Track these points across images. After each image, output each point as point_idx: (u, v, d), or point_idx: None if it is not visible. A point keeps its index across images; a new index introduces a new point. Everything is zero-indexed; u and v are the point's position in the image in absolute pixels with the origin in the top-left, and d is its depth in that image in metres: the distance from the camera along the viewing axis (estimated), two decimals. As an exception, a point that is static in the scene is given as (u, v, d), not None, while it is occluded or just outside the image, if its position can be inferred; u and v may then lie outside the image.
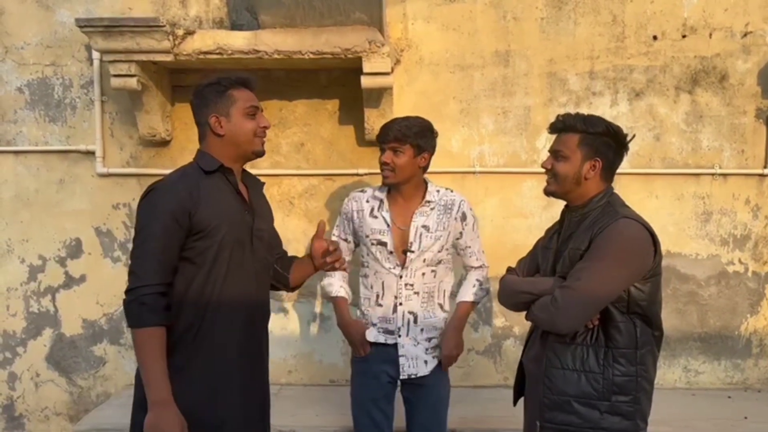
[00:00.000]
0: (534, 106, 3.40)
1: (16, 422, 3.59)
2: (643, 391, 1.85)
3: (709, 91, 3.39)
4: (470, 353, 3.52)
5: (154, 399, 1.71)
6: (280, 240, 2.24)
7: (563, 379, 1.86)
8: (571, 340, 1.87)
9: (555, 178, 1.95)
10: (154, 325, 1.73)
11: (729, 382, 3.54)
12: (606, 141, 1.90)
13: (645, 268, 1.81)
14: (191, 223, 1.79)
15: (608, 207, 1.88)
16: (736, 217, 3.45)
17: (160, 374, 1.73)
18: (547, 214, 3.42)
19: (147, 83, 3.12)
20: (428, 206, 2.54)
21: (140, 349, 1.73)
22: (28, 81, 3.45)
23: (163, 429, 1.70)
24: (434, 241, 2.52)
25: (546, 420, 1.90)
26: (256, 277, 1.97)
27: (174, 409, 1.72)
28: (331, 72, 3.37)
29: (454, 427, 2.90)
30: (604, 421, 1.82)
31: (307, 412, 3.11)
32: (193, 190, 1.82)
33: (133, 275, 1.77)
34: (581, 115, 1.94)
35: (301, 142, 3.46)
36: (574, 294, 1.80)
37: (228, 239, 1.85)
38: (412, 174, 2.49)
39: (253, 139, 1.93)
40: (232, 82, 1.92)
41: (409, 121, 2.47)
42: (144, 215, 1.81)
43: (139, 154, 3.46)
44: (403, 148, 2.42)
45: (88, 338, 3.54)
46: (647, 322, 1.85)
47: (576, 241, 1.88)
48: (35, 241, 3.51)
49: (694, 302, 3.48)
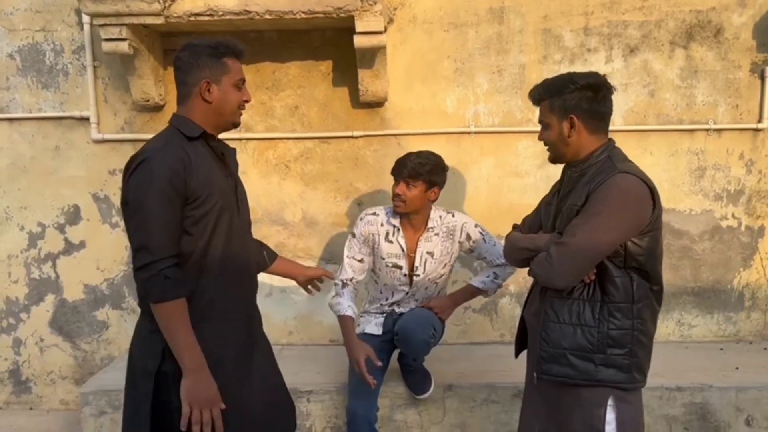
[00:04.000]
0: (529, 64, 3.39)
1: (23, 386, 3.66)
2: (640, 345, 1.85)
3: (704, 46, 3.37)
4: (467, 311, 3.58)
5: (190, 366, 1.74)
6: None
7: (559, 332, 1.89)
8: (569, 295, 1.89)
9: (549, 147, 1.99)
10: (180, 297, 1.74)
11: (722, 335, 3.60)
12: (575, 95, 1.87)
13: (642, 223, 1.80)
14: (187, 192, 1.76)
15: (607, 162, 1.86)
16: (730, 172, 3.46)
17: (192, 342, 1.75)
18: (542, 173, 3.44)
19: (138, 47, 3.10)
20: (431, 232, 2.76)
21: (169, 321, 1.74)
22: (19, 47, 3.43)
23: (202, 391, 1.75)
24: (438, 266, 2.78)
25: (542, 372, 1.94)
26: (246, 239, 2.03)
27: (208, 374, 1.77)
28: (324, 32, 3.34)
29: (451, 382, 2.97)
30: (598, 373, 1.84)
31: (308, 371, 3.17)
32: (183, 156, 1.77)
33: (144, 250, 1.72)
34: (545, 81, 1.95)
35: (295, 104, 3.45)
36: (568, 249, 1.82)
37: (220, 205, 1.85)
38: (422, 206, 2.71)
39: (236, 111, 1.92)
40: (228, 50, 1.87)
41: (422, 158, 2.66)
42: (139, 189, 1.74)
43: (133, 119, 3.45)
44: (416, 183, 2.63)
45: (90, 303, 3.59)
46: (645, 276, 1.85)
47: (574, 197, 1.89)
48: (34, 208, 3.53)
49: (687, 257, 3.53)
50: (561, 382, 1.90)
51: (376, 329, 2.84)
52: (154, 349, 1.79)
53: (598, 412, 1.85)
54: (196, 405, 1.74)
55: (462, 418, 2.95)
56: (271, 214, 3.51)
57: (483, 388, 2.96)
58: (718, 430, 2.93)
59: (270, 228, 3.51)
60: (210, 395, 1.76)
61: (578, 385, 1.87)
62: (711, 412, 2.92)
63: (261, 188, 3.49)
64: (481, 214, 3.45)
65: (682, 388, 2.93)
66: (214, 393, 1.77)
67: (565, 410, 1.92)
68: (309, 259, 3.56)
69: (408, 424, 2.96)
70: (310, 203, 3.52)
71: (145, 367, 1.81)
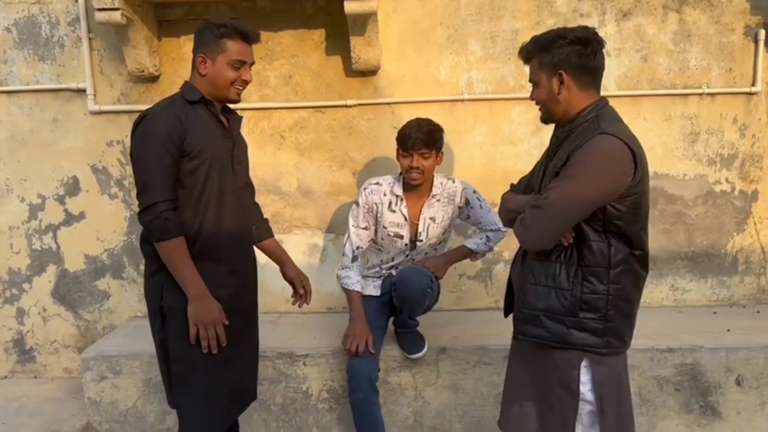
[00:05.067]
0: (522, 30, 3.39)
1: (27, 355, 3.74)
2: (617, 310, 1.82)
3: (697, 9, 3.36)
4: (462, 278, 3.61)
5: (194, 293, 2.01)
6: (254, 187, 2.47)
7: (535, 294, 1.89)
8: (547, 258, 1.87)
9: (540, 106, 1.94)
10: (178, 236, 1.99)
11: (715, 299, 3.63)
12: (564, 50, 1.82)
13: (621, 186, 1.74)
14: (182, 146, 1.99)
15: (594, 121, 1.81)
16: (724, 137, 3.46)
17: (193, 273, 2.01)
18: (536, 140, 3.46)
19: (132, 17, 3.12)
20: (434, 199, 2.86)
21: (171, 256, 1.99)
22: (15, 20, 3.45)
23: (205, 313, 2.02)
24: (440, 230, 2.89)
25: (519, 332, 1.97)
26: (240, 198, 2.24)
27: (211, 298, 2.04)
28: (316, 1, 3.35)
29: (444, 345, 3.02)
30: (570, 336, 1.83)
31: (305, 336, 3.22)
32: (181, 114, 2.02)
33: (145, 193, 1.98)
34: (534, 38, 1.90)
35: (288, 74, 3.47)
36: (541, 212, 1.80)
37: (213, 160, 2.08)
38: (433, 173, 2.83)
39: (229, 87, 2.11)
40: (230, 31, 2.05)
41: (429, 125, 2.74)
42: (140, 141, 2.00)
43: (129, 90, 3.48)
44: (430, 153, 2.72)
45: (91, 273, 3.65)
46: (626, 241, 1.80)
47: (557, 158, 1.86)
48: (33, 180, 3.58)
49: (681, 222, 3.54)
50: (536, 343, 1.92)
51: (375, 291, 2.93)
52: (155, 289, 2.09)
53: (572, 372, 1.86)
54: (201, 325, 2.02)
55: (455, 380, 3.00)
56: (267, 183, 3.54)
57: (476, 350, 3.00)
58: (708, 390, 2.97)
59: (266, 198, 3.54)
60: (213, 316, 2.03)
61: (552, 347, 1.88)
62: (701, 373, 2.96)
63: (256, 158, 3.48)
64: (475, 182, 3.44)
65: (673, 350, 2.96)
66: (216, 313, 2.04)
67: (543, 369, 1.95)
68: (305, 228, 3.60)
69: (402, 386, 3.01)
70: (306, 173, 3.55)
71: (152, 305, 2.11)
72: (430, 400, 3.02)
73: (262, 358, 2.67)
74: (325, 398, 3.03)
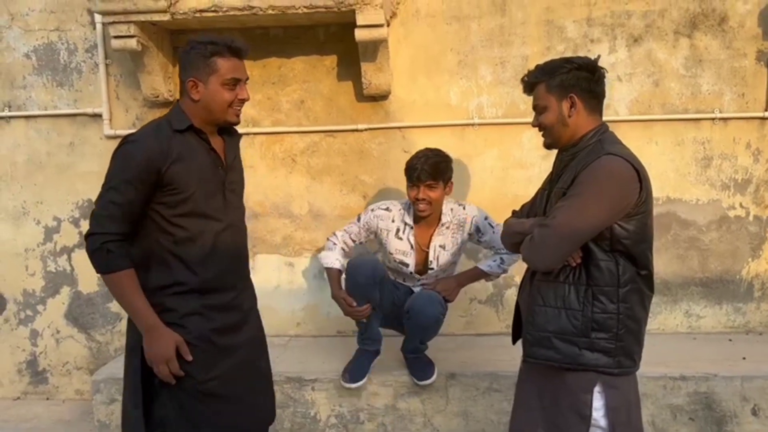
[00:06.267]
0: (532, 55, 3.40)
1: (40, 376, 3.76)
2: (627, 330, 1.82)
3: (709, 35, 3.36)
4: (472, 302, 3.60)
5: (145, 326, 1.86)
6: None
7: (545, 315, 1.88)
8: (555, 279, 1.87)
9: (546, 131, 1.96)
10: (123, 269, 1.84)
11: (731, 326, 3.57)
12: (573, 75, 1.87)
13: (627, 206, 1.77)
14: (162, 179, 1.83)
15: (597, 145, 1.84)
16: (737, 162, 3.43)
17: (142, 306, 1.85)
18: (546, 164, 3.42)
19: (147, 44, 3.19)
20: (444, 227, 2.88)
21: (118, 289, 1.86)
22: (35, 47, 3.54)
23: (157, 348, 1.85)
24: (450, 257, 2.91)
25: (529, 355, 1.94)
26: (232, 228, 2.03)
27: (164, 329, 1.86)
28: (328, 27, 3.40)
29: (454, 370, 3.00)
30: (582, 356, 1.82)
31: (314, 360, 3.22)
32: (164, 146, 1.84)
33: (95, 220, 1.84)
34: (538, 66, 1.94)
35: (301, 99, 3.51)
36: (549, 231, 1.80)
37: (199, 192, 1.90)
38: (442, 204, 2.84)
39: (226, 109, 1.93)
40: (219, 49, 1.89)
41: (436, 157, 2.74)
42: (115, 165, 1.85)
43: (144, 115, 3.54)
44: (437, 184, 2.73)
45: (104, 295, 3.67)
46: (632, 260, 1.81)
47: (562, 180, 1.88)
48: (49, 202, 3.63)
49: (695, 247, 3.50)
50: (546, 366, 1.90)
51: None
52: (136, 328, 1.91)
53: (585, 397, 1.84)
54: (154, 362, 1.86)
55: (465, 407, 2.98)
56: (279, 207, 3.57)
57: (486, 376, 2.98)
58: (723, 419, 2.91)
59: (277, 221, 3.57)
60: (164, 351, 1.85)
61: (563, 369, 1.86)
62: (716, 402, 2.90)
63: (268, 182, 3.55)
64: (485, 206, 3.45)
65: (686, 377, 2.91)
66: (167, 348, 1.85)
67: (553, 394, 1.92)
68: (316, 251, 3.61)
69: (411, 412, 2.99)
70: (317, 196, 3.57)
71: (131, 343, 1.93)
72: (439, 427, 2.99)
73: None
74: (333, 424, 3.01)
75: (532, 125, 2.00)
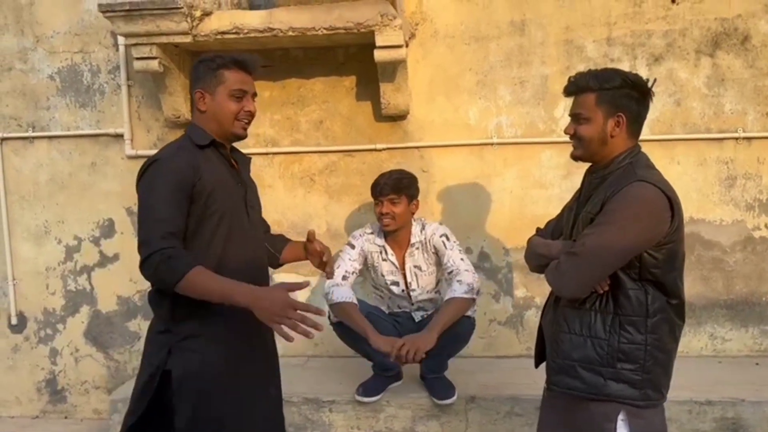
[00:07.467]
0: (551, 75, 3.39)
1: (59, 395, 3.77)
2: (655, 361, 1.76)
3: (731, 54, 3.32)
4: (492, 324, 3.55)
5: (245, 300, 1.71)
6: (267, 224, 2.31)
7: (570, 343, 1.83)
8: (581, 305, 1.82)
9: (580, 143, 1.86)
10: (192, 267, 1.72)
11: (757, 349, 3.48)
12: (626, 92, 1.79)
13: (658, 234, 1.71)
14: (192, 193, 1.81)
15: (629, 168, 1.78)
16: (762, 181, 3.38)
17: (230, 286, 1.73)
18: (566, 184, 3.42)
19: (169, 65, 3.22)
20: (413, 248, 2.95)
21: (197, 288, 1.72)
22: (59, 68, 3.60)
23: (270, 305, 1.70)
24: (429, 276, 2.98)
25: (553, 383, 1.90)
26: (255, 243, 2.04)
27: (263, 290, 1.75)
28: (347, 48, 3.42)
29: (474, 393, 2.95)
30: (607, 387, 1.77)
31: (331, 381, 3.19)
32: (192, 161, 1.84)
33: (145, 245, 1.75)
34: (593, 72, 1.85)
35: (320, 119, 3.52)
36: (577, 260, 1.76)
37: (226, 206, 1.89)
38: (407, 220, 2.91)
39: (233, 121, 1.93)
40: (226, 62, 1.92)
41: (399, 174, 2.90)
42: (147, 187, 1.82)
43: (165, 135, 3.57)
44: (399, 199, 2.83)
45: (123, 314, 3.69)
46: (662, 289, 1.76)
47: (591, 204, 1.82)
48: (70, 222, 3.67)
49: (719, 269, 3.44)
50: (571, 395, 1.85)
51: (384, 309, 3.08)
52: (161, 349, 1.84)
53: (608, 426, 1.78)
54: (275, 319, 1.69)
55: (484, 431, 2.92)
56: (297, 226, 3.57)
57: (506, 400, 2.92)
58: (751, 446, 2.83)
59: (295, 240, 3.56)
60: (279, 304, 1.69)
61: (587, 399, 1.81)
62: (743, 428, 2.82)
63: (287, 201, 3.56)
64: (504, 226, 3.46)
65: (712, 402, 2.84)
66: (281, 296, 1.70)
67: (576, 423, 1.87)
68: (334, 272, 3.60)
69: (430, 435, 2.95)
70: (335, 215, 3.57)
71: (150, 365, 1.85)
72: (458, 451, 2.94)
73: (288, 404, 2.65)
74: (351, 446, 2.98)
75: (565, 132, 1.91)
